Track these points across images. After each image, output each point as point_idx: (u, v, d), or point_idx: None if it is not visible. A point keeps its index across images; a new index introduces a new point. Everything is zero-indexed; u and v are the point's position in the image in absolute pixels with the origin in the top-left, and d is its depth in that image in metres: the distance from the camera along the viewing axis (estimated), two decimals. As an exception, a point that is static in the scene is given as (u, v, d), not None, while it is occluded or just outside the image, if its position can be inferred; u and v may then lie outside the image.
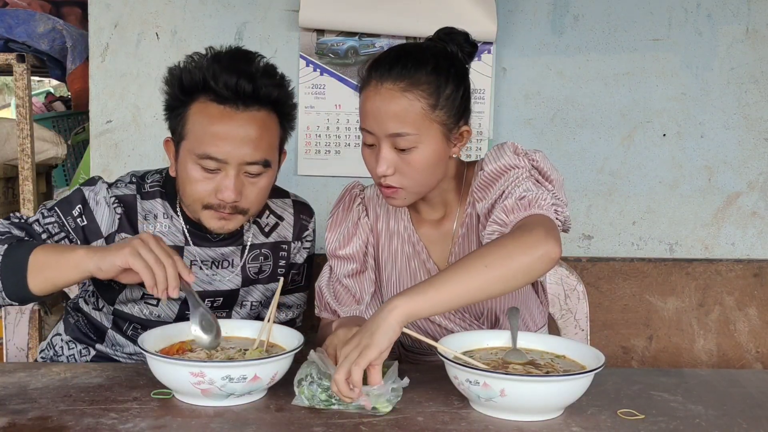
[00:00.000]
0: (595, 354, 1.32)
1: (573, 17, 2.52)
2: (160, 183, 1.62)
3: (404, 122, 1.42)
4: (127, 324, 1.64)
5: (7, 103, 7.90)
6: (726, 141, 2.57)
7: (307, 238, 1.76)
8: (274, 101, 1.49)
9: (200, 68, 1.46)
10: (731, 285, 2.59)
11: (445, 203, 1.61)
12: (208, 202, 1.48)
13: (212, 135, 1.44)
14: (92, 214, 1.54)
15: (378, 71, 1.46)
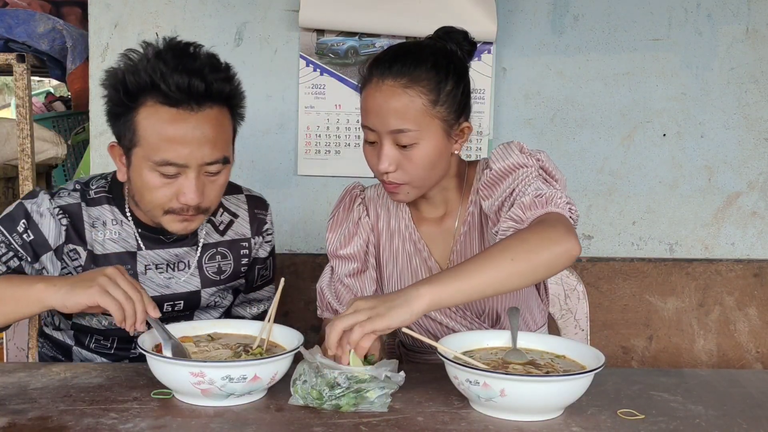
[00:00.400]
0: (595, 354, 1.32)
1: (573, 17, 2.52)
2: (105, 188, 1.57)
3: (405, 118, 1.44)
4: (89, 337, 1.62)
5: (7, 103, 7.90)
6: (726, 141, 2.57)
7: (268, 232, 1.73)
8: (226, 97, 1.44)
9: (144, 69, 1.38)
10: (731, 285, 2.59)
11: (446, 201, 1.61)
12: (170, 207, 1.44)
13: (169, 140, 1.38)
14: (38, 228, 1.49)
15: (378, 69, 1.46)
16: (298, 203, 2.56)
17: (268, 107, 2.52)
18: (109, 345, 1.63)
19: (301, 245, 2.58)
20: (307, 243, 2.58)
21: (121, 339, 1.61)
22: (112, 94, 1.42)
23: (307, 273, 2.51)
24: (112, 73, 1.42)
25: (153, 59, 1.38)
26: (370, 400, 1.26)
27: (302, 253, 2.55)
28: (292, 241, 2.58)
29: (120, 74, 1.40)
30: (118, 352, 1.63)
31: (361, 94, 1.51)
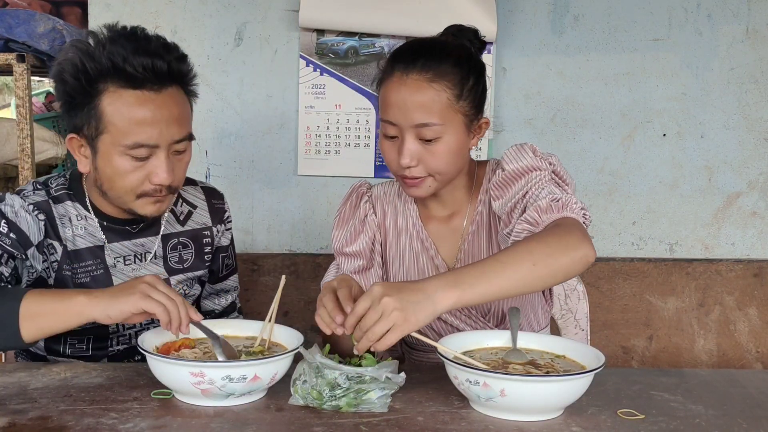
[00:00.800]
0: (595, 354, 1.32)
1: (573, 17, 2.52)
2: (65, 185, 1.57)
3: (431, 112, 1.45)
4: (62, 343, 1.59)
5: (7, 103, 7.90)
6: (726, 141, 2.57)
7: (228, 220, 1.76)
8: (183, 76, 1.46)
9: (102, 55, 1.38)
10: (731, 285, 2.59)
11: (455, 200, 1.62)
12: (142, 190, 1.45)
13: (138, 122, 1.39)
14: (17, 226, 1.48)
15: (401, 63, 1.47)
16: (298, 203, 2.56)
17: (268, 107, 2.52)
18: (85, 347, 1.60)
19: (301, 245, 2.58)
20: (307, 243, 2.58)
21: (98, 337, 1.59)
22: (72, 83, 1.41)
23: (307, 273, 2.51)
24: (68, 63, 1.41)
25: (109, 45, 1.39)
26: (371, 400, 1.26)
27: (302, 253, 2.55)
28: (292, 241, 2.58)
29: (79, 63, 1.39)
30: (96, 352, 1.61)
31: (380, 88, 1.51)
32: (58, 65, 1.43)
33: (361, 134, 2.52)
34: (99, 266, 1.55)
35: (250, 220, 2.57)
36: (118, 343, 1.62)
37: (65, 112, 1.47)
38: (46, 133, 2.64)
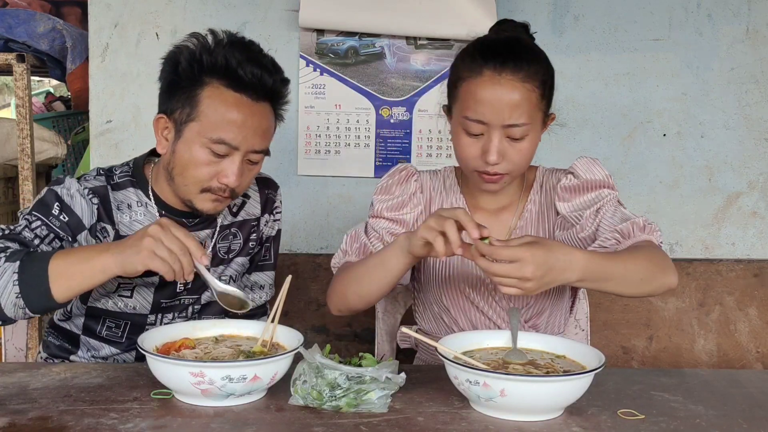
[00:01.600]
0: (595, 354, 1.32)
1: (573, 17, 2.52)
2: (129, 173, 1.62)
3: (522, 112, 1.48)
4: (101, 323, 1.63)
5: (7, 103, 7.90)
6: (726, 141, 2.57)
7: (276, 210, 1.79)
8: (279, 96, 1.55)
9: (221, 52, 1.48)
10: (731, 285, 2.59)
11: (506, 195, 1.66)
12: (208, 185, 1.51)
13: (230, 122, 1.47)
14: (71, 209, 1.53)
15: (492, 60, 1.48)
16: (298, 203, 2.56)
17: (268, 107, 2.52)
18: (121, 333, 1.64)
19: (301, 245, 2.58)
20: (308, 243, 2.58)
21: (134, 325, 1.63)
22: (185, 67, 1.49)
23: (307, 273, 2.51)
24: (185, 49, 1.50)
25: (228, 47, 1.49)
26: (371, 400, 1.26)
27: (302, 253, 2.55)
28: (292, 241, 2.58)
29: (197, 53, 1.49)
30: (129, 340, 1.63)
31: (461, 85, 1.52)
32: (176, 48, 1.52)
33: (361, 134, 2.52)
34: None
35: (250, 220, 2.57)
36: None
37: (165, 91, 1.53)
38: (46, 133, 2.64)
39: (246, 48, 1.51)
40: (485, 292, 1.65)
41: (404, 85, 2.50)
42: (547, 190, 1.68)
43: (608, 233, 1.52)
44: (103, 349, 1.65)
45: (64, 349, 1.68)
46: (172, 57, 1.52)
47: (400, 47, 2.49)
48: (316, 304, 2.51)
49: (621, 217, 1.54)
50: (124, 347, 1.65)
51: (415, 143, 2.53)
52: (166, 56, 1.54)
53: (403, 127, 2.53)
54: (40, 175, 2.71)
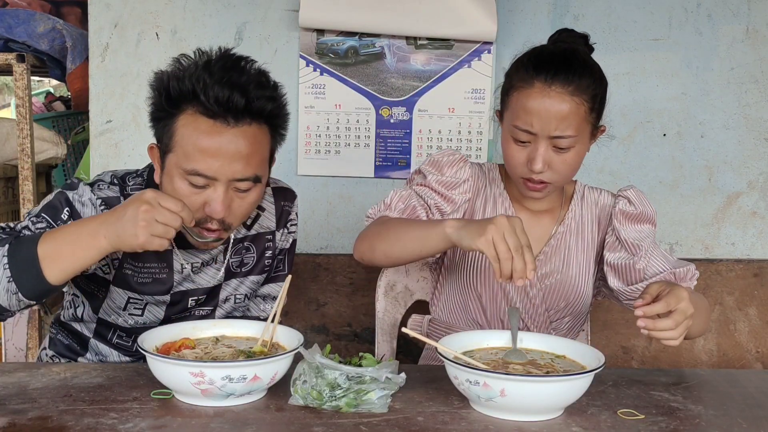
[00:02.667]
0: (595, 354, 1.32)
1: (573, 17, 2.52)
2: (142, 186, 1.55)
3: (569, 125, 1.52)
4: (112, 331, 1.63)
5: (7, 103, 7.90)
6: (726, 141, 2.57)
7: (292, 223, 1.73)
8: (267, 115, 1.43)
9: (189, 78, 1.37)
10: (731, 285, 2.59)
11: (550, 201, 1.71)
12: (196, 217, 1.42)
13: (201, 151, 1.37)
14: (80, 216, 1.47)
15: (543, 72, 1.52)
16: (299, 203, 2.56)
17: (268, 107, 2.52)
18: (131, 343, 1.63)
19: (302, 245, 2.58)
20: (307, 243, 2.58)
21: None
22: (156, 97, 1.42)
23: (307, 273, 2.51)
24: (159, 77, 1.42)
25: (200, 69, 1.38)
26: (371, 400, 1.26)
27: (302, 253, 2.55)
28: (292, 241, 2.58)
29: (165, 79, 1.40)
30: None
31: (514, 94, 1.56)
32: (155, 75, 1.44)
33: (361, 134, 2.52)
34: (163, 269, 1.54)
35: (250, 220, 2.57)
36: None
37: (151, 121, 1.47)
38: (46, 133, 2.64)
39: (221, 68, 1.38)
40: (521, 288, 1.69)
41: (404, 85, 2.50)
42: (588, 205, 1.74)
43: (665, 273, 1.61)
44: (111, 356, 1.64)
45: (72, 349, 1.67)
46: (152, 85, 1.44)
47: (400, 47, 2.49)
48: (316, 304, 2.51)
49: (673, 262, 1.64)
50: (136, 356, 1.64)
51: (415, 143, 2.53)
52: (149, 84, 1.46)
53: (403, 127, 2.53)
54: (40, 175, 2.71)
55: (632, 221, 1.66)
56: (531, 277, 1.35)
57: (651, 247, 1.65)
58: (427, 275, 1.96)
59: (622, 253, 1.65)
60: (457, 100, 2.50)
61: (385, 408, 1.26)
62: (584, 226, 1.73)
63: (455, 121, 2.52)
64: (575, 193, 1.75)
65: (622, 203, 1.68)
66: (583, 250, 1.72)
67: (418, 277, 1.96)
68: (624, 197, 1.68)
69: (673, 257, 1.68)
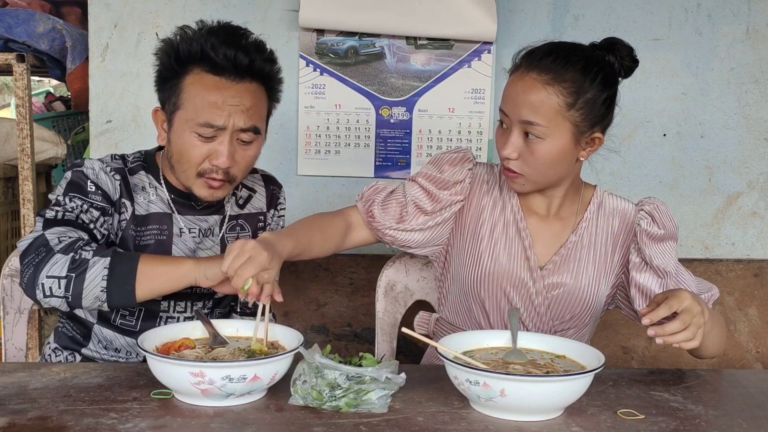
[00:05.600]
0: (595, 354, 1.32)
1: (573, 17, 2.52)
2: (141, 159, 1.68)
3: (537, 113, 1.50)
4: (115, 312, 1.65)
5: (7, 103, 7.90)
6: (726, 141, 2.57)
7: (281, 206, 1.85)
8: (265, 76, 1.58)
9: (197, 40, 1.53)
10: (731, 285, 2.59)
11: (562, 206, 1.68)
12: (202, 168, 1.56)
13: (210, 104, 1.52)
14: (100, 186, 1.58)
15: (528, 60, 1.54)
16: (298, 203, 2.56)
17: (268, 107, 2.52)
18: (134, 321, 1.65)
19: (301, 245, 2.58)
20: (307, 243, 2.58)
21: (148, 311, 1.65)
22: (165, 60, 1.57)
23: (306, 273, 2.51)
24: (168, 42, 1.57)
25: (206, 33, 1.55)
26: (371, 401, 1.26)
27: (302, 253, 2.55)
28: (292, 241, 2.58)
29: (175, 43, 1.55)
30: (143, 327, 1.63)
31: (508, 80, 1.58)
32: (161, 42, 1.59)
33: (361, 134, 2.52)
34: (164, 232, 1.64)
35: (250, 220, 2.57)
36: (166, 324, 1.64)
37: (156, 85, 1.61)
38: (46, 133, 2.65)
39: (226, 32, 1.55)
40: (525, 294, 1.64)
41: (404, 85, 2.50)
42: (605, 214, 1.70)
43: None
44: (116, 340, 1.66)
45: (75, 341, 1.69)
46: (159, 51, 1.59)
47: (400, 47, 2.49)
48: (316, 304, 2.51)
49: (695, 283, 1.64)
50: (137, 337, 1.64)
51: (415, 143, 2.53)
52: (155, 52, 1.60)
53: (403, 127, 2.53)
54: (40, 175, 2.71)
55: (657, 242, 1.61)
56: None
57: (677, 273, 1.62)
58: (427, 275, 1.95)
59: (649, 275, 1.61)
60: (457, 100, 2.50)
61: (385, 408, 1.26)
62: (599, 237, 1.67)
63: (455, 121, 2.52)
64: (593, 200, 1.70)
65: (645, 222, 1.62)
66: (595, 263, 1.65)
67: (418, 277, 1.96)
68: (647, 214, 1.64)
69: (694, 277, 1.66)
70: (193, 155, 1.55)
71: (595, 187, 1.73)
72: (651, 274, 1.60)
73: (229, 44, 1.53)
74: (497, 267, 1.65)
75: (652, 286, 1.60)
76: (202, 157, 1.55)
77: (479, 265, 1.67)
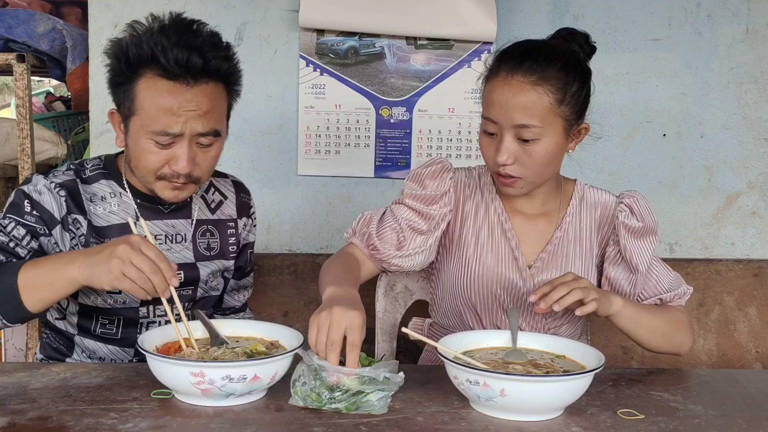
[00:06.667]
0: (595, 354, 1.32)
1: (573, 17, 2.52)
2: (100, 166, 1.63)
3: (531, 114, 1.49)
4: (95, 321, 1.62)
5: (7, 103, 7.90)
6: (726, 141, 2.57)
7: (254, 216, 1.82)
8: (222, 74, 1.52)
9: (147, 42, 1.45)
10: (731, 285, 2.59)
11: (545, 202, 1.68)
12: (162, 173, 1.51)
13: (165, 111, 1.45)
14: (40, 205, 1.53)
15: (508, 63, 1.52)
16: (298, 203, 2.56)
17: (268, 107, 2.52)
18: (115, 329, 1.63)
19: (301, 245, 2.58)
20: (307, 243, 2.58)
21: (127, 320, 1.63)
22: (115, 63, 1.49)
23: (307, 273, 2.51)
24: (117, 43, 1.49)
25: (156, 33, 1.46)
26: (371, 402, 1.25)
27: (302, 253, 2.55)
28: (292, 241, 2.58)
29: (124, 45, 1.47)
30: (125, 336, 1.63)
31: (485, 86, 1.57)
32: (110, 42, 1.51)
33: (361, 134, 2.52)
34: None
35: (250, 220, 2.57)
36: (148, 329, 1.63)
37: (109, 87, 1.54)
38: (46, 133, 2.64)
39: (177, 31, 1.47)
40: (516, 294, 1.65)
41: (404, 85, 2.50)
42: (588, 207, 1.70)
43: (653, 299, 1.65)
44: (99, 350, 1.64)
45: (60, 351, 1.68)
46: (108, 52, 1.51)
47: (400, 47, 2.49)
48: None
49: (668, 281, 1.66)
50: (122, 344, 1.64)
51: (415, 143, 2.53)
52: (105, 51, 1.53)
53: (403, 127, 2.53)
54: (40, 175, 2.70)
55: (636, 236, 1.62)
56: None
57: (649, 270, 1.63)
58: (427, 275, 1.96)
59: (621, 270, 1.63)
60: (457, 100, 2.50)
61: (385, 408, 1.26)
62: (583, 230, 1.69)
63: (455, 121, 2.52)
64: (574, 193, 1.71)
65: (624, 215, 1.63)
66: (581, 256, 1.67)
67: (418, 277, 1.96)
68: (626, 207, 1.64)
69: (671, 273, 1.68)
70: (151, 161, 1.50)
71: (575, 181, 1.73)
72: (623, 269, 1.63)
73: (181, 46, 1.44)
74: (485, 270, 1.65)
75: (622, 281, 1.63)
76: (161, 163, 1.50)
77: (467, 271, 1.67)
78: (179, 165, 1.49)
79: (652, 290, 1.65)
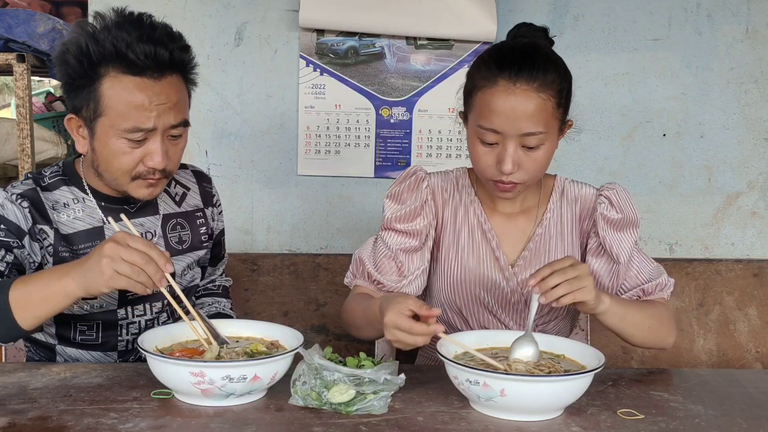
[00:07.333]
0: (595, 354, 1.32)
1: (573, 17, 2.52)
2: (59, 172, 1.60)
3: (538, 122, 1.47)
4: (73, 329, 1.60)
5: (7, 103, 7.90)
6: (726, 141, 2.57)
7: (218, 204, 1.81)
8: (184, 65, 1.51)
9: (107, 39, 1.41)
10: (731, 285, 2.59)
11: (524, 201, 1.67)
12: (137, 171, 1.48)
13: (136, 107, 1.42)
14: (6, 218, 1.50)
15: (507, 69, 1.47)
16: (298, 203, 2.56)
17: (268, 107, 2.52)
18: (95, 334, 1.60)
19: (301, 245, 2.58)
20: (307, 243, 2.58)
21: (106, 323, 1.60)
22: (74, 65, 1.43)
23: (307, 273, 2.51)
24: (73, 44, 1.43)
25: (114, 29, 1.42)
26: (371, 403, 1.25)
27: (302, 253, 2.55)
28: (292, 241, 2.58)
29: (83, 45, 1.42)
30: (106, 340, 1.61)
31: (478, 94, 1.52)
32: (62, 45, 1.46)
33: (361, 134, 2.53)
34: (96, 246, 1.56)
35: (250, 220, 2.57)
36: (128, 333, 1.62)
37: (66, 92, 1.50)
38: (46, 133, 2.64)
39: (135, 26, 1.43)
40: (499, 295, 1.64)
41: (404, 85, 2.50)
42: (569, 201, 1.68)
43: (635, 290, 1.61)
44: (82, 357, 1.61)
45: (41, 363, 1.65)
46: (60, 55, 1.46)
47: (400, 47, 2.49)
48: (316, 304, 2.51)
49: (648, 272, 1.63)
50: (104, 348, 1.62)
51: (415, 143, 2.53)
52: (54, 55, 1.48)
53: (403, 127, 2.53)
54: (40, 175, 2.70)
55: (615, 228, 1.60)
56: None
57: (630, 261, 1.61)
58: (427, 275, 1.95)
59: (603, 261, 1.62)
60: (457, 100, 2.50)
61: (385, 408, 1.26)
62: (565, 226, 1.66)
63: (455, 121, 2.52)
64: (554, 189, 1.68)
65: (603, 206, 1.62)
66: (564, 252, 1.65)
67: (418, 277, 1.96)
68: (606, 199, 1.62)
69: (652, 263, 1.65)
70: (125, 161, 1.47)
71: (555, 176, 1.71)
72: (605, 261, 1.62)
73: (145, 39, 1.42)
74: (467, 274, 1.64)
75: (603, 273, 1.62)
76: (135, 162, 1.47)
77: (449, 274, 1.66)
78: (155, 160, 1.46)
79: (633, 281, 1.62)
